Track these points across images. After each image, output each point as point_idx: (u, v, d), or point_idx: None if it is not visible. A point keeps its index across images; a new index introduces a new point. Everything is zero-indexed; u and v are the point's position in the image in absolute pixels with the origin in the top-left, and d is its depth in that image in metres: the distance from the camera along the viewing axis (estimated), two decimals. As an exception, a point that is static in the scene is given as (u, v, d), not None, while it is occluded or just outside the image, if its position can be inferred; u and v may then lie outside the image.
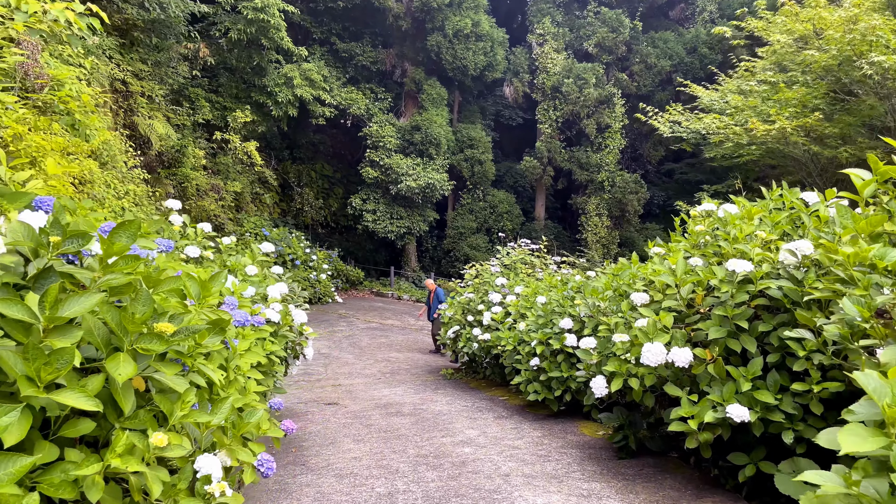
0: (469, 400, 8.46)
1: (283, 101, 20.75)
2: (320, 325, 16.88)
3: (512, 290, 8.97)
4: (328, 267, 21.92)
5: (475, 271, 10.07)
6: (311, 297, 19.94)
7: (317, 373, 11.66)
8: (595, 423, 6.38)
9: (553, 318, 6.74)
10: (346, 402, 8.80)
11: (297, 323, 5.66)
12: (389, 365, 12.39)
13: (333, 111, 22.42)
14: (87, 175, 6.31)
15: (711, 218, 4.30)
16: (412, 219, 24.01)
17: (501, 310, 8.49)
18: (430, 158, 23.63)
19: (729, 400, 3.37)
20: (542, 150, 25.46)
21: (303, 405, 8.82)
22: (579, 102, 24.40)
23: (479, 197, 26.87)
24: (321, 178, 27.15)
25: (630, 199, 25.17)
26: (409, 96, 25.07)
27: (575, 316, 6.38)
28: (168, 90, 17.51)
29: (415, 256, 26.50)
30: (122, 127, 14.70)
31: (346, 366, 12.30)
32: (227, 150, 19.41)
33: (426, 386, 10.00)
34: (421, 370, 11.85)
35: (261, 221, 20.27)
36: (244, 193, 20.82)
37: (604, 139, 25.61)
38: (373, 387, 10.14)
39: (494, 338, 8.28)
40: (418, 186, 22.46)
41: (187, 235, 5.40)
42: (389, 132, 23.23)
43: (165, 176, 15.72)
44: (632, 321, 4.25)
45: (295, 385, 10.55)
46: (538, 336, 6.58)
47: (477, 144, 25.52)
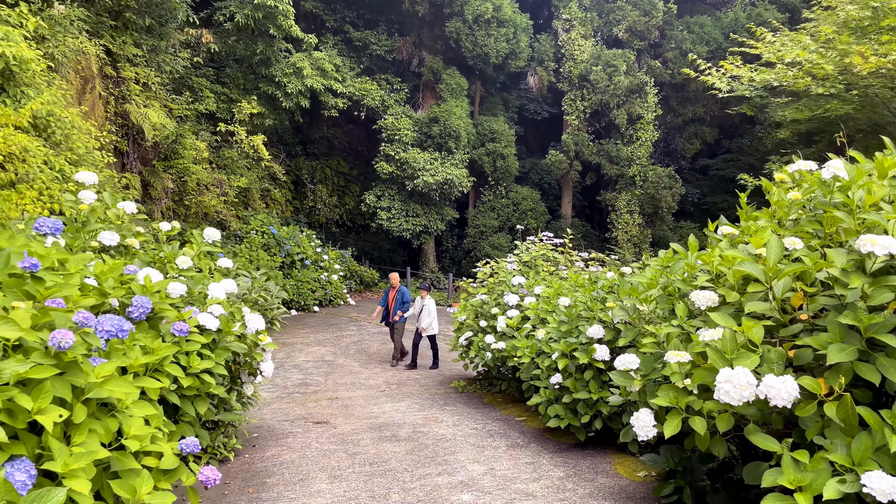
0: (480, 420, 7.21)
1: (293, 92, 19.73)
2: (328, 328, 15.80)
3: (531, 290, 7.71)
4: (340, 267, 20.84)
5: (489, 269, 8.83)
6: (321, 298, 18.89)
7: (316, 383, 10.54)
8: (633, 457, 5.10)
9: (579, 324, 5.47)
10: (338, 421, 7.63)
11: (250, 330, 4.49)
12: (398, 374, 11.23)
13: (346, 102, 21.34)
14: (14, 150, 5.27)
15: (806, 185, 2.99)
16: (429, 217, 22.80)
17: (518, 314, 7.24)
18: (449, 153, 22.41)
19: (864, 463, 2.09)
20: (568, 143, 24.06)
21: (288, 424, 7.67)
22: (608, 91, 22.96)
23: (502, 193, 25.56)
24: (336, 175, 26.13)
25: (664, 195, 23.64)
26: (427, 87, 23.89)
27: (607, 322, 5.10)
28: (168, 79, 16.60)
29: (433, 256, 25.30)
30: (112, 115, 13.80)
31: (350, 375, 11.16)
32: (233, 143, 18.44)
33: (434, 401, 8.79)
34: (431, 381, 10.64)
35: (269, 219, 19.27)
36: (252, 190, 19.84)
37: (635, 131, 24.12)
38: (374, 401, 8.96)
39: (510, 347, 7.03)
40: (436, 182, 21.25)
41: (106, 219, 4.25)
42: (406, 125, 22.07)
43: (162, 169, 14.76)
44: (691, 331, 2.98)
45: (287, 398, 9.43)
46: (560, 347, 5.32)
47: (499, 138, 24.23)
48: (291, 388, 10.17)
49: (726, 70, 15.03)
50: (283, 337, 14.55)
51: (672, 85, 25.30)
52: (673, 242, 4.10)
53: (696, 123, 27.19)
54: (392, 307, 11.84)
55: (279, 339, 14.19)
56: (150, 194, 15.01)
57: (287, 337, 14.58)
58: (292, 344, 13.86)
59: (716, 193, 28.01)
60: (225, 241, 17.22)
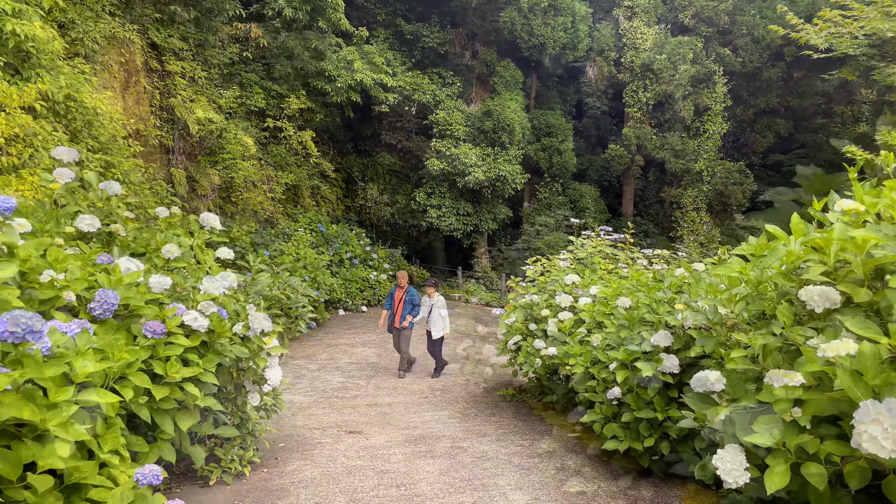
0: (527, 436, 6.48)
1: (343, 87, 19.40)
2: (374, 330, 15.31)
3: (586, 290, 6.92)
4: (390, 267, 20.39)
5: (540, 266, 8.07)
6: (369, 298, 18.46)
7: (356, 387, 10.01)
8: (709, 490, 4.28)
9: (642, 329, 4.69)
10: (373, 431, 7.03)
11: (255, 331, 3.91)
12: (442, 379, 10.59)
13: (397, 97, 20.87)
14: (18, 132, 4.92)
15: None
16: (480, 216, 22.09)
17: (571, 316, 6.47)
18: (503, 148, 21.64)
19: None
20: (629, 137, 22.91)
21: (319, 432, 7.13)
22: (673, 81, 21.71)
23: (558, 190, 24.62)
24: (388, 173, 25.75)
25: (733, 191, 22.20)
26: (480, 81, 23.19)
27: (676, 327, 4.30)
28: (217, 74, 16.52)
29: (486, 257, 24.58)
30: (157, 108, 13.71)
31: (393, 378, 10.59)
32: (281, 139, 18.24)
33: (479, 410, 8.09)
34: (478, 387, 9.96)
35: (318, 217, 19.00)
36: (301, 188, 19.63)
37: (702, 123, 22.76)
38: (414, 408, 8.34)
39: (561, 354, 6.27)
40: (487, 179, 20.52)
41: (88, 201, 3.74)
42: (457, 119, 21.43)
43: (208, 164, 14.59)
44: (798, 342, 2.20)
45: (325, 402, 8.92)
46: (619, 355, 4.55)
47: (555, 132, 23.31)
48: (331, 392, 9.68)
49: (822, 26, 13.16)
50: (328, 337, 14.14)
51: (743, 74, 23.78)
52: (744, 242, 3.29)
53: (768, 115, 25.52)
54: (399, 311, 10.60)
55: (324, 341, 13.79)
56: (196, 190, 14.88)
57: (332, 337, 14.16)
58: (337, 345, 13.42)
59: (789, 191, 26.22)
60: (273, 239, 17.01)
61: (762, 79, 23.58)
